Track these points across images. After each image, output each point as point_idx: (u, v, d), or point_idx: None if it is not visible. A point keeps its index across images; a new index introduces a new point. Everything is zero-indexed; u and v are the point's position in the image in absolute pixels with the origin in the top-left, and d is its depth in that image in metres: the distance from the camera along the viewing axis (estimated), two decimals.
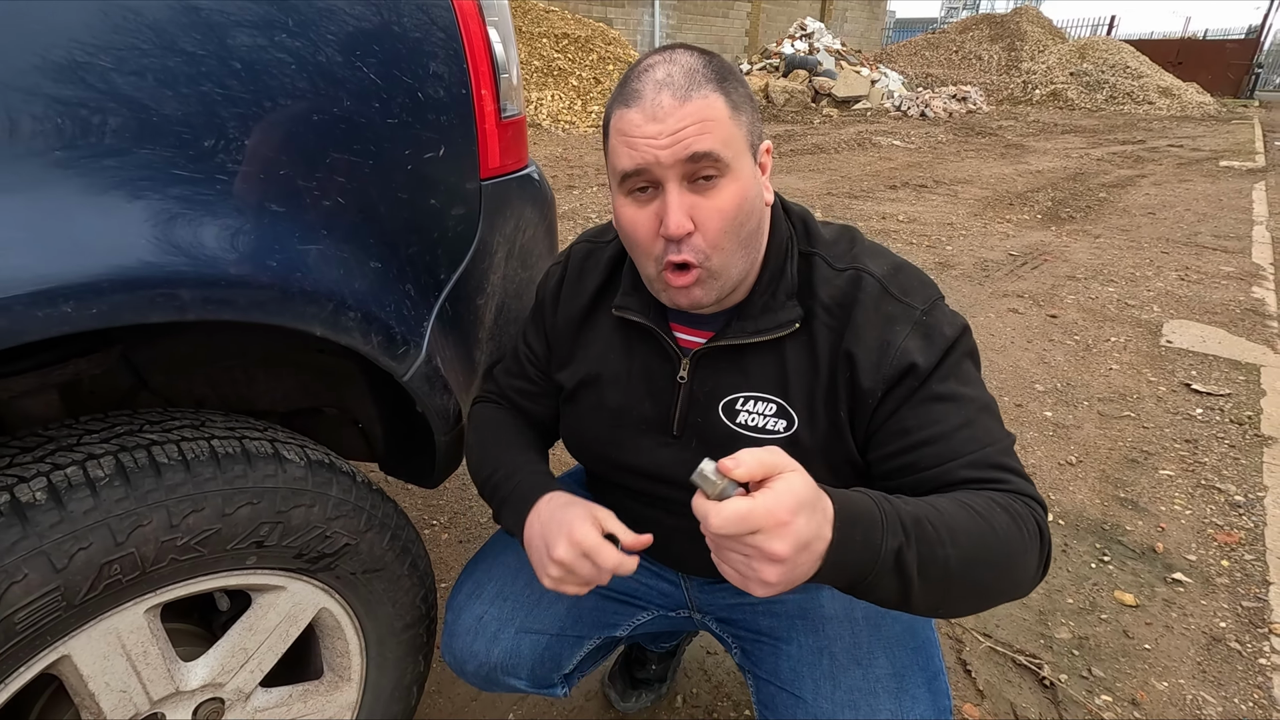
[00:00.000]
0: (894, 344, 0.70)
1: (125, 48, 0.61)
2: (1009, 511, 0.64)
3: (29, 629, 0.62)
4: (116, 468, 0.67)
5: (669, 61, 0.68)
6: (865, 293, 0.73)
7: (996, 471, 0.68)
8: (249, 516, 0.75)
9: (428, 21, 0.85)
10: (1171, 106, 15.20)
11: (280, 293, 0.73)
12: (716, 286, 0.71)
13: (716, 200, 0.67)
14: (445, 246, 0.95)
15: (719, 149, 0.66)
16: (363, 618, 0.93)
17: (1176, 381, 2.66)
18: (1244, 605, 1.55)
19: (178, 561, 0.71)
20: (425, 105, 0.86)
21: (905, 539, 0.57)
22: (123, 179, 0.62)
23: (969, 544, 0.60)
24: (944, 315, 0.73)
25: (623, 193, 0.71)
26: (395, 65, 0.82)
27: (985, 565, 0.61)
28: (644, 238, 0.70)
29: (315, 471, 0.82)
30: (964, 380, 0.72)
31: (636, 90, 0.68)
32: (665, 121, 0.65)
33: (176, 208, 0.65)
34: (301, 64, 0.73)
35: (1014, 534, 0.63)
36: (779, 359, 0.75)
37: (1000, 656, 1.40)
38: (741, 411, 0.77)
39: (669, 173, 0.66)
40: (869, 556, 0.56)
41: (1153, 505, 1.91)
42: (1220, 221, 5.32)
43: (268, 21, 0.70)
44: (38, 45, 0.56)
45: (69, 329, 0.58)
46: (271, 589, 0.83)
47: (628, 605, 0.97)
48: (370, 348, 0.83)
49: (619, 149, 0.69)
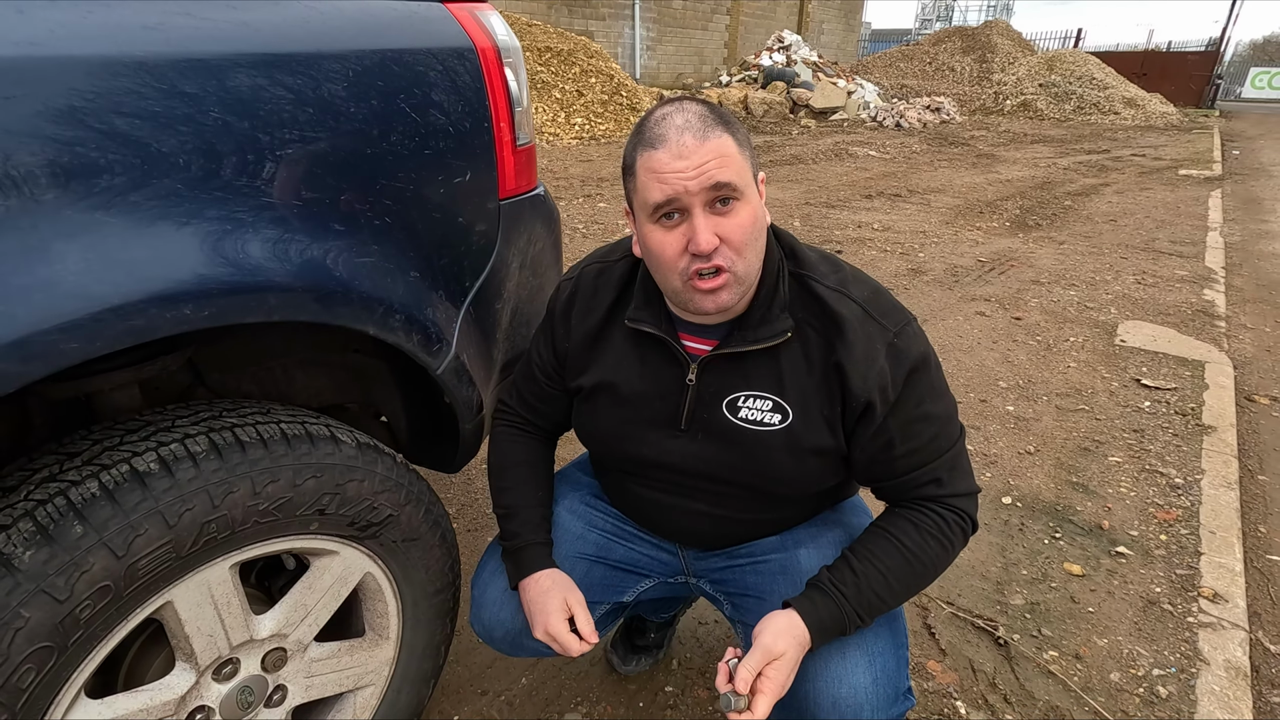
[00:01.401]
0: (876, 361, 0.86)
1: (261, 118, 0.75)
2: (940, 538, 0.90)
3: (147, 575, 0.75)
4: (210, 445, 0.81)
5: (682, 110, 0.83)
6: (850, 314, 0.87)
7: (941, 488, 0.91)
8: (314, 488, 0.89)
9: (458, 69, 1.00)
10: (1136, 117, 15.74)
11: (343, 298, 0.87)
12: (740, 290, 0.84)
13: (736, 219, 0.81)
14: (470, 258, 1.09)
15: (735, 179, 0.80)
16: (400, 582, 1.07)
17: (1128, 377, 2.86)
18: (1178, 573, 1.73)
19: (259, 524, 0.84)
20: (456, 138, 1.01)
21: (860, 620, 0.87)
22: (216, 209, 0.76)
23: (903, 586, 0.89)
24: (911, 340, 0.89)
25: (651, 221, 0.83)
26: (432, 105, 0.97)
27: (916, 588, 0.92)
28: (671, 256, 0.83)
29: (364, 452, 0.96)
30: (927, 394, 0.89)
31: (660, 135, 0.80)
32: (690, 158, 0.78)
33: (266, 229, 0.79)
34: (359, 108, 0.88)
35: (939, 558, 0.90)
36: (775, 363, 0.89)
37: (961, 621, 1.57)
38: (743, 408, 0.90)
39: (695, 200, 0.79)
40: (839, 634, 0.88)
41: (1101, 488, 2.09)
42: (1177, 228, 5.60)
43: (338, 74, 0.85)
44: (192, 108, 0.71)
45: (187, 328, 0.72)
46: (328, 553, 0.96)
47: (632, 574, 1.11)
48: (411, 345, 0.98)
49: (649, 185, 0.81)
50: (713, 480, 0.97)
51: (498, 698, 1.36)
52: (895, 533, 0.90)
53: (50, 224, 0.63)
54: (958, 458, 0.92)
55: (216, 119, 0.74)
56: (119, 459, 0.76)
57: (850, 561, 0.90)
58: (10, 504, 0.71)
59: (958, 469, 0.92)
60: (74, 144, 0.65)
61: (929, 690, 1.39)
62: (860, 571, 0.88)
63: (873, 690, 0.86)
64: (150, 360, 0.90)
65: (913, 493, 0.92)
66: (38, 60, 0.63)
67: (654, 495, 1.04)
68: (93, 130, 0.66)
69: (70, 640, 0.71)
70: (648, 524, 1.11)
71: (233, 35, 0.77)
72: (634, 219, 0.88)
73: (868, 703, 0.85)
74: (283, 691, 0.97)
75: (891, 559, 0.89)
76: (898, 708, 0.88)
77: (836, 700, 0.85)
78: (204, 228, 0.74)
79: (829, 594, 0.88)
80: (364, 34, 0.90)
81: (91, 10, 0.68)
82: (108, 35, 0.68)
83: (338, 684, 1.04)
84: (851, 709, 0.84)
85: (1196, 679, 1.42)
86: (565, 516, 1.11)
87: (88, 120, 0.65)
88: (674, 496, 1.02)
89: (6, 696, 0.67)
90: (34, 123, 0.62)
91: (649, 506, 1.07)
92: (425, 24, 0.99)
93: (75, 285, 0.64)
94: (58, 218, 0.64)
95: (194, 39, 0.73)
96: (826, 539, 1.02)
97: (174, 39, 0.72)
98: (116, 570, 0.72)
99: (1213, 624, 1.57)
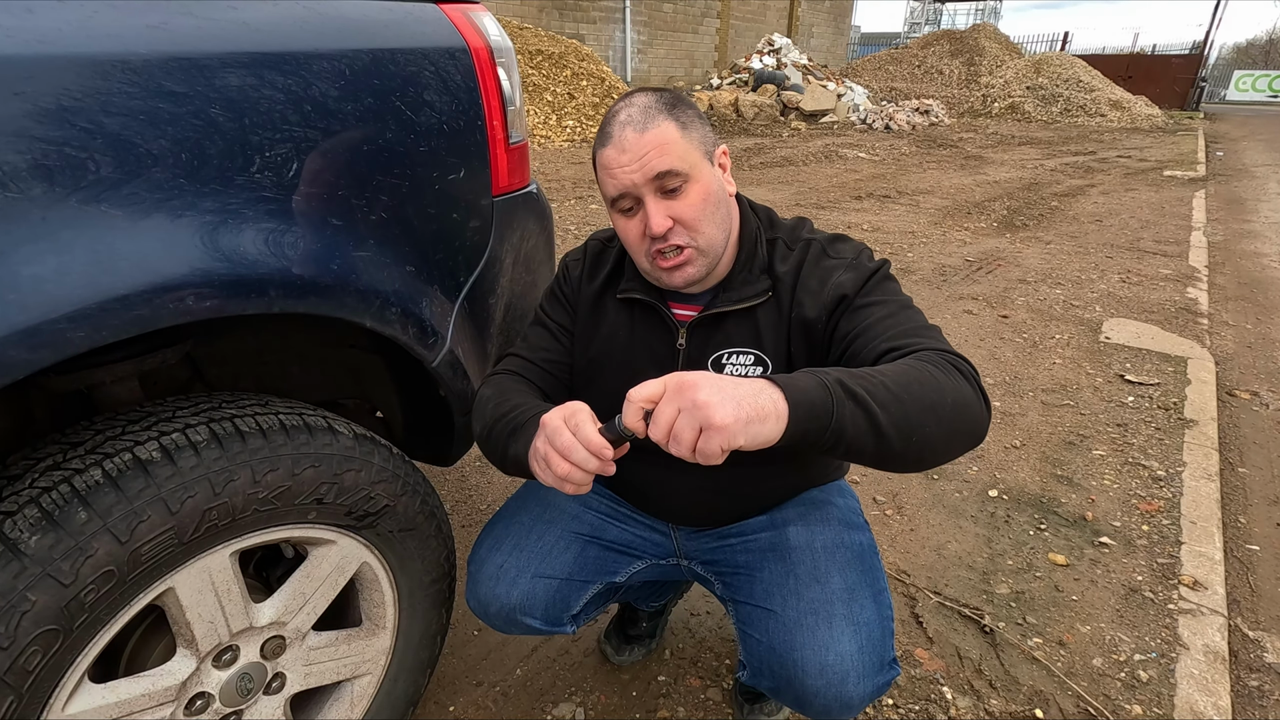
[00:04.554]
0: (829, 280, 0.92)
1: (261, 115, 0.77)
2: (924, 360, 0.76)
3: (150, 560, 0.77)
4: (210, 434, 0.83)
5: (629, 105, 0.91)
6: (810, 254, 0.96)
7: (912, 339, 0.81)
8: (313, 477, 0.91)
9: (452, 68, 1.02)
10: (1122, 119, 15.92)
11: (340, 291, 0.89)
12: (705, 262, 0.93)
13: (685, 200, 0.89)
14: (464, 253, 1.12)
15: (675, 164, 0.87)
16: (397, 572, 1.09)
17: (1112, 373, 2.91)
18: (1159, 562, 1.77)
19: (258, 512, 0.86)
20: (450, 135, 1.03)
21: (843, 374, 0.70)
22: (217, 203, 0.78)
23: (896, 375, 0.73)
24: (868, 257, 0.96)
25: (616, 211, 0.94)
26: (427, 103, 0.99)
27: (920, 387, 0.72)
28: (635, 240, 0.93)
29: (361, 443, 0.98)
30: (885, 292, 0.93)
31: (609, 132, 0.90)
32: (631, 151, 0.87)
33: (266, 223, 0.81)
34: (355, 106, 0.90)
35: (933, 372, 0.75)
36: (753, 321, 0.97)
37: (948, 610, 1.60)
38: (728, 365, 0.97)
39: (644, 189, 0.88)
40: (821, 393, 0.68)
41: (1085, 481, 2.13)
42: (1162, 228, 5.68)
43: (334, 73, 0.87)
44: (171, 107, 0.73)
45: (190, 318, 0.74)
46: (325, 542, 0.98)
47: (625, 555, 1.14)
48: (408, 338, 1.00)
49: (605, 180, 0.91)
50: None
51: (493, 688, 1.38)
52: (889, 360, 0.80)
53: (59, 215, 0.65)
54: (938, 335, 0.85)
55: (219, 117, 0.76)
56: (122, 447, 0.78)
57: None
58: (16, 491, 0.72)
59: (941, 341, 0.83)
60: (83, 139, 0.66)
61: (916, 677, 1.42)
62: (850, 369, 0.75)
63: (858, 658, 0.88)
64: (151, 353, 0.92)
65: (893, 344, 0.83)
66: (46, 58, 0.65)
67: (647, 470, 1.06)
68: (101, 127, 0.68)
69: (75, 624, 0.72)
70: (642, 503, 1.13)
71: (233, 35, 0.79)
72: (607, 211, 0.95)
73: (854, 669, 0.88)
74: (281, 679, 0.99)
75: (887, 367, 0.76)
76: (883, 675, 0.91)
77: (824, 667, 0.87)
78: (206, 221, 0.76)
79: (810, 370, 0.73)
80: (361, 34, 0.92)
81: (97, 10, 0.70)
82: (113, 35, 0.70)
83: (335, 672, 1.06)
84: (838, 675, 0.87)
85: (1176, 663, 1.45)
86: (561, 497, 1.13)
87: (96, 118, 0.67)
88: (665, 470, 1.04)
89: (14, 678, 0.68)
90: (44, 118, 0.64)
91: (641, 483, 1.10)
92: (420, 25, 1.01)
93: (83, 275, 0.66)
94: (66, 209, 0.66)
95: (195, 38, 0.75)
96: (815, 516, 1.04)
97: (178, 38, 0.74)
98: (120, 555, 0.74)
99: (1193, 610, 1.60)
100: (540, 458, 0.79)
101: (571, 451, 0.75)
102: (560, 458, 0.76)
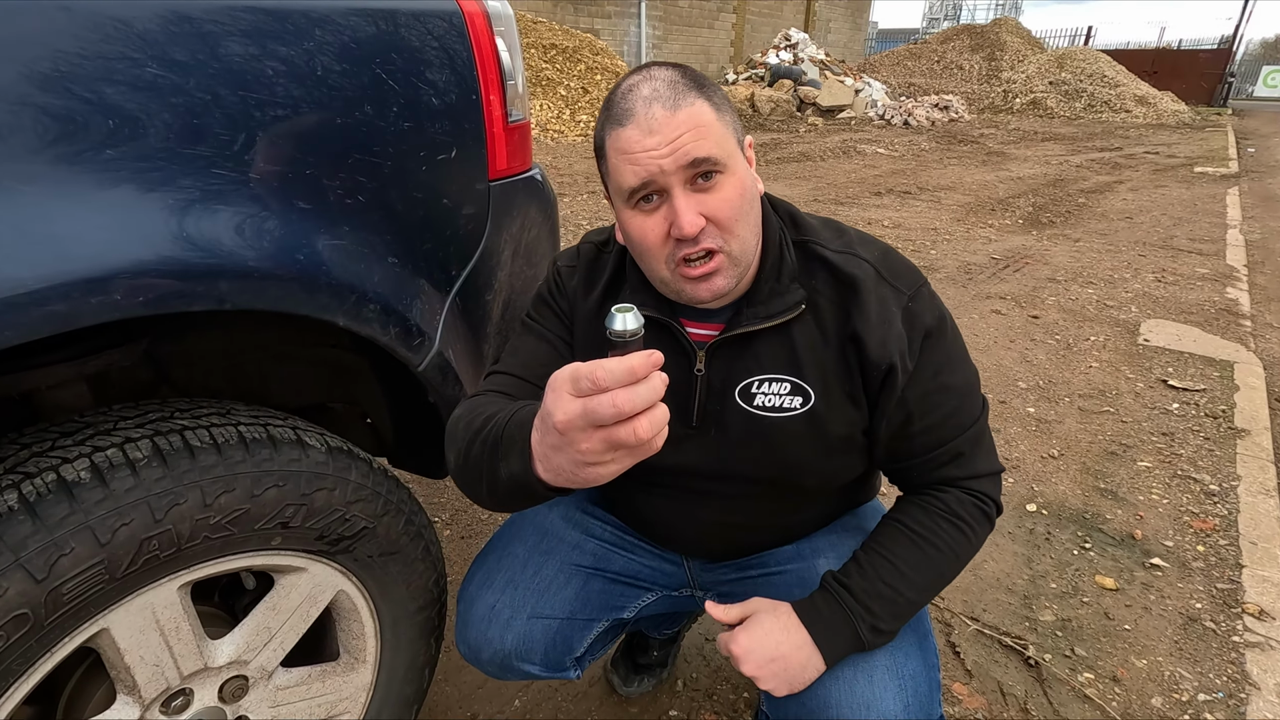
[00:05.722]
0: (894, 325, 0.77)
1: (211, 75, 0.66)
2: (954, 520, 0.81)
3: (75, 600, 0.65)
4: (154, 450, 0.71)
5: (650, 79, 0.73)
6: (863, 277, 0.78)
7: (952, 468, 0.82)
8: (276, 498, 0.79)
9: (442, 31, 0.90)
10: (1148, 115, 15.54)
11: (308, 284, 0.77)
12: (736, 272, 0.75)
13: (721, 194, 0.71)
14: (456, 244, 1.00)
15: (714, 151, 0.70)
16: (378, 600, 0.97)
17: (1154, 378, 2.74)
18: (1218, 587, 1.62)
19: (210, 540, 0.74)
20: (439, 110, 0.91)
21: (871, 616, 0.77)
22: (158, 178, 0.66)
23: (919, 575, 0.79)
24: (926, 303, 0.80)
25: (628, 206, 0.74)
26: (412, 73, 0.87)
27: (936, 579, 0.81)
28: (654, 243, 0.74)
29: (335, 457, 0.86)
30: (951, 365, 0.80)
31: (627, 109, 0.71)
32: (662, 133, 0.69)
33: (217, 205, 0.70)
34: (326, 71, 0.78)
35: (957, 543, 0.81)
36: (788, 340, 0.80)
37: (987, 639, 1.46)
38: (758, 394, 0.81)
39: (673, 179, 0.70)
40: (856, 643, 0.78)
41: (1131, 495, 1.98)
42: (1195, 225, 5.47)
43: (298, 32, 0.75)
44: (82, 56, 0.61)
45: (118, 315, 0.62)
46: (294, 570, 0.86)
47: (633, 587, 1.01)
48: (389, 338, 0.88)
49: (622, 167, 0.72)
50: (730, 480, 0.86)
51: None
52: (903, 519, 0.83)
53: None
54: (980, 435, 0.83)
55: (157, 75, 0.65)
56: (46, 466, 0.66)
57: (857, 558, 0.82)
58: None
59: (980, 446, 0.84)
60: None
61: (956, 716, 1.28)
62: (866, 563, 0.80)
63: (904, 718, 0.76)
64: (95, 354, 0.81)
65: (932, 474, 0.83)
66: None
67: (658, 502, 0.94)
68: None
69: None
70: (650, 532, 1.01)
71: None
72: (612, 204, 0.79)
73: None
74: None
75: (900, 545, 0.81)
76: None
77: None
78: (141, 200, 0.64)
79: (831, 592, 0.80)
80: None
81: None
82: None
83: (308, 712, 0.95)
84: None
85: (1247, 705, 1.31)
86: (559, 524, 1.01)
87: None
88: (681, 503, 0.91)
89: None
90: None
91: (652, 515, 0.97)
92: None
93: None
94: None
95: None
96: (847, 547, 0.91)
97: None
98: (35, 596, 0.62)
99: (1260, 644, 1.45)
100: (571, 458, 0.54)
101: (629, 400, 0.49)
102: (620, 422, 0.50)
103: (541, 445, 0.58)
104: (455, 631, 0.97)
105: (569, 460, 0.54)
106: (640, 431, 0.49)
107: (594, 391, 0.49)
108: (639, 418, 0.50)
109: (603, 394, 0.49)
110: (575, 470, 0.54)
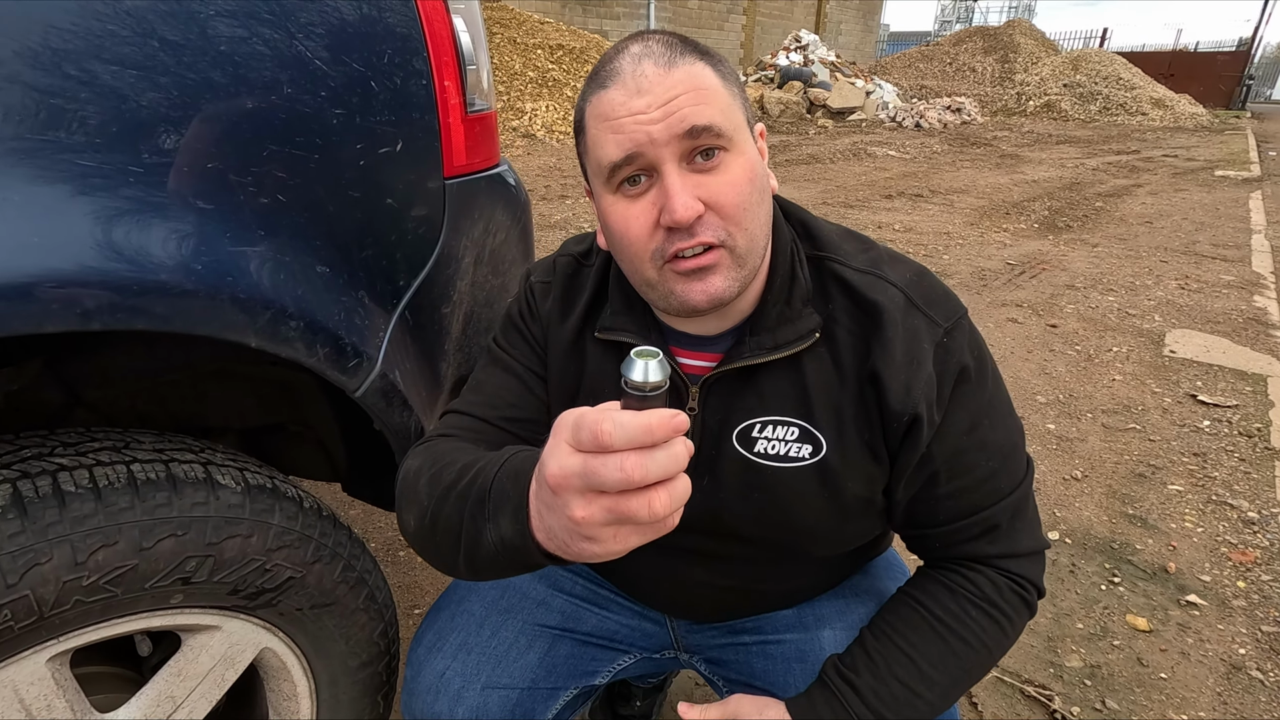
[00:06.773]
0: (924, 366, 0.63)
1: (76, 40, 0.54)
2: (987, 607, 0.67)
3: None
4: (13, 497, 0.59)
5: (643, 40, 0.60)
6: (889, 304, 0.64)
7: (995, 544, 0.68)
8: (172, 550, 0.67)
9: (383, 5, 0.78)
10: (1164, 117, 15.28)
11: (207, 299, 0.65)
12: (739, 274, 0.60)
13: (726, 175, 0.58)
14: (405, 250, 0.87)
15: (717, 119, 0.57)
16: (312, 657, 0.85)
17: (1182, 393, 2.59)
18: (1263, 630, 1.47)
19: (84, 604, 0.62)
20: (379, 96, 0.79)
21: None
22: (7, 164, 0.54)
23: (942, 674, 0.66)
24: (963, 340, 0.65)
25: (610, 189, 0.60)
26: (343, 50, 0.74)
27: (964, 678, 0.68)
28: (639, 234, 0.59)
29: (254, 497, 0.74)
30: (991, 417, 0.67)
31: (615, 69, 0.58)
32: (652, 92, 0.56)
33: (88, 203, 0.58)
34: (233, 45, 0.66)
35: (991, 635, 0.67)
36: (797, 376, 0.66)
37: (1008, 687, 1.32)
38: (759, 439, 0.67)
39: (664, 152, 0.56)
40: None
41: (1163, 522, 1.83)
42: (1218, 230, 5.28)
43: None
44: None
45: None
46: (203, 629, 0.74)
47: (607, 650, 0.88)
48: (316, 360, 0.75)
49: (603, 137, 0.58)
50: (723, 538, 0.73)
51: None
52: (925, 602, 0.69)
53: None
54: (1021, 504, 0.69)
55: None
56: None
57: (865, 643, 0.68)
58: None
59: (1022, 519, 0.69)
60: None
61: None
62: (878, 654, 0.67)
63: None
64: None
65: (960, 549, 0.69)
66: None
67: (639, 557, 0.80)
68: None
69: None
70: (629, 589, 0.88)
71: None
72: (592, 194, 0.65)
73: None
74: None
75: (919, 634, 0.67)
76: None
77: None
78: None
79: (834, 690, 0.66)
80: None
81: None
82: None
83: None
84: None
85: None
86: (524, 578, 0.88)
87: None
88: (666, 559, 0.77)
89: None
90: None
91: (632, 572, 0.83)
92: None
93: None
94: None
95: None
96: (856, 615, 0.78)
97: None
98: None
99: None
100: (572, 529, 0.43)
101: (640, 466, 0.39)
102: (639, 490, 0.40)
103: (536, 500, 0.48)
104: (401, 698, 0.85)
105: (561, 527, 0.44)
106: (657, 507, 0.40)
107: (595, 449, 0.39)
108: (656, 489, 0.40)
109: (609, 454, 0.39)
110: (568, 540, 0.44)
